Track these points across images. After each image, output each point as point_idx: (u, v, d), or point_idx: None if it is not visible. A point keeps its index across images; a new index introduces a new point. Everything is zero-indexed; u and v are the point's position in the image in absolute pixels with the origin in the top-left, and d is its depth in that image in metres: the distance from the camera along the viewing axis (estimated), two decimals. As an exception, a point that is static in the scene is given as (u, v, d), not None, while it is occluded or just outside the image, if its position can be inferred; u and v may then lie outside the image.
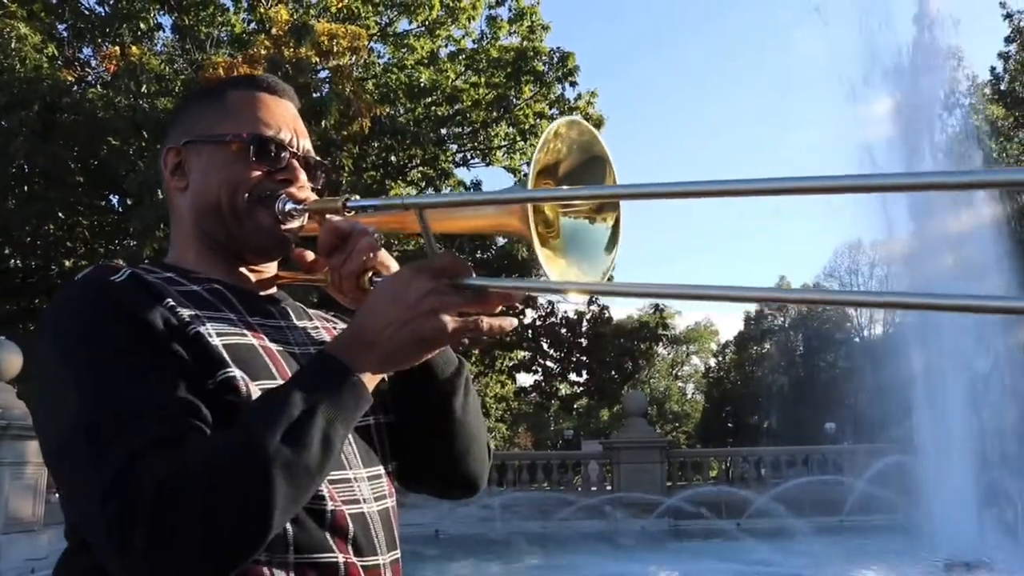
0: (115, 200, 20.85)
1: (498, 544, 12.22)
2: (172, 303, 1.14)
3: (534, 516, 14.80)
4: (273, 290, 1.39)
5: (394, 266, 1.27)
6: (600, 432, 42.66)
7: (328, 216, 1.28)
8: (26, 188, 18.69)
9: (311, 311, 1.44)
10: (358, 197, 1.28)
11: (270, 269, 1.39)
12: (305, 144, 1.36)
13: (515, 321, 1.21)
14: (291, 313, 1.36)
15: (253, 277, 1.36)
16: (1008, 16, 26.73)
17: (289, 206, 1.29)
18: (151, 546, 0.94)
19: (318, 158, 1.37)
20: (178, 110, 1.43)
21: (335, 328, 1.43)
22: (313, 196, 1.34)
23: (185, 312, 1.14)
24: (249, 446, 1.00)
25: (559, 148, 1.19)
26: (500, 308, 1.17)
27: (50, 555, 9.68)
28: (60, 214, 19.37)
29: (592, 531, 13.97)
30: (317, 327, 1.39)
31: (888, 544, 11.40)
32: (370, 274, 1.24)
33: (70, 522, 1.15)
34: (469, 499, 1.49)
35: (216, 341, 1.14)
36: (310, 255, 1.36)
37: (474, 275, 1.15)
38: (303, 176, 1.33)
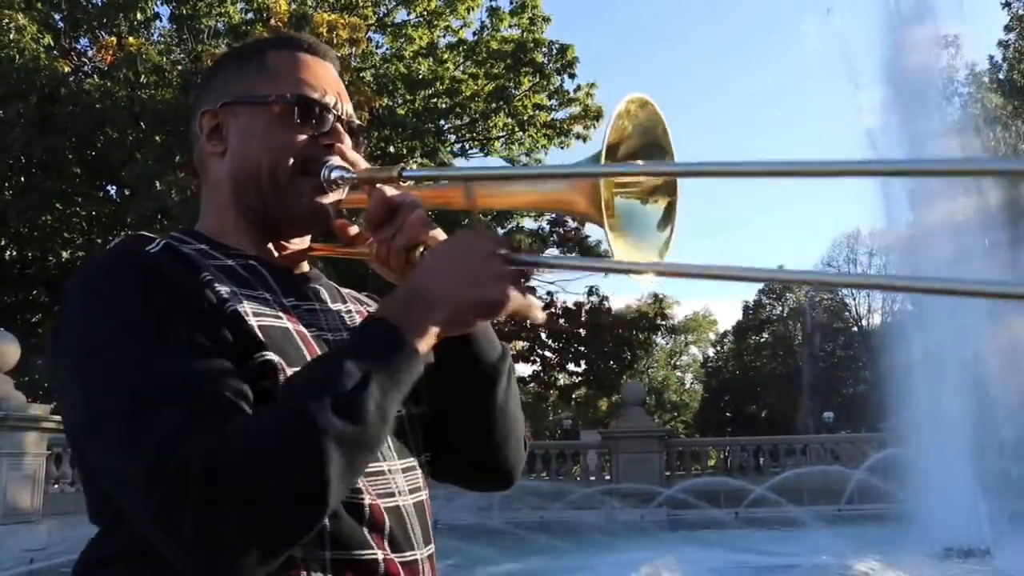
0: (112, 191, 20.83)
1: (496, 534, 12.21)
2: (209, 277, 1.09)
3: (532, 506, 14.80)
4: (306, 267, 1.33)
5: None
6: (598, 422, 42.57)
7: (378, 186, 1.21)
8: (24, 179, 18.65)
9: (345, 291, 1.37)
10: (415, 166, 1.22)
11: (303, 242, 1.31)
12: (348, 108, 1.29)
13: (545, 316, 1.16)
14: (325, 294, 1.29)
15: (287, 250, 1.28)
16: (1007, 4, 26.72)
17: (336, 174, 1.22)
18: (201, 530, 0.89)
19: (360, 123, 1.31)
20: (211, 73, 1.34)
21: (369, 311, 1.35)
22: (363, 162, 1.26)
23: (222, 288, 1.08)
24: (300, 419, 0.94)
25: (624, 127, 1.17)
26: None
27: (48, 546, 9.69)
28: (58, 205, 19.35)
29: (591, 521, 13.97)
30: (351, 311, 1.32)
31: (886, 533, 11.39)
32: (421, 248, 1.20)
33: (95, 507, 1.09)
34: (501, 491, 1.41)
35: (252, 321, 1.08)
36: (353, 228, 1.29)
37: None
38: (348, 141, 1.26)
